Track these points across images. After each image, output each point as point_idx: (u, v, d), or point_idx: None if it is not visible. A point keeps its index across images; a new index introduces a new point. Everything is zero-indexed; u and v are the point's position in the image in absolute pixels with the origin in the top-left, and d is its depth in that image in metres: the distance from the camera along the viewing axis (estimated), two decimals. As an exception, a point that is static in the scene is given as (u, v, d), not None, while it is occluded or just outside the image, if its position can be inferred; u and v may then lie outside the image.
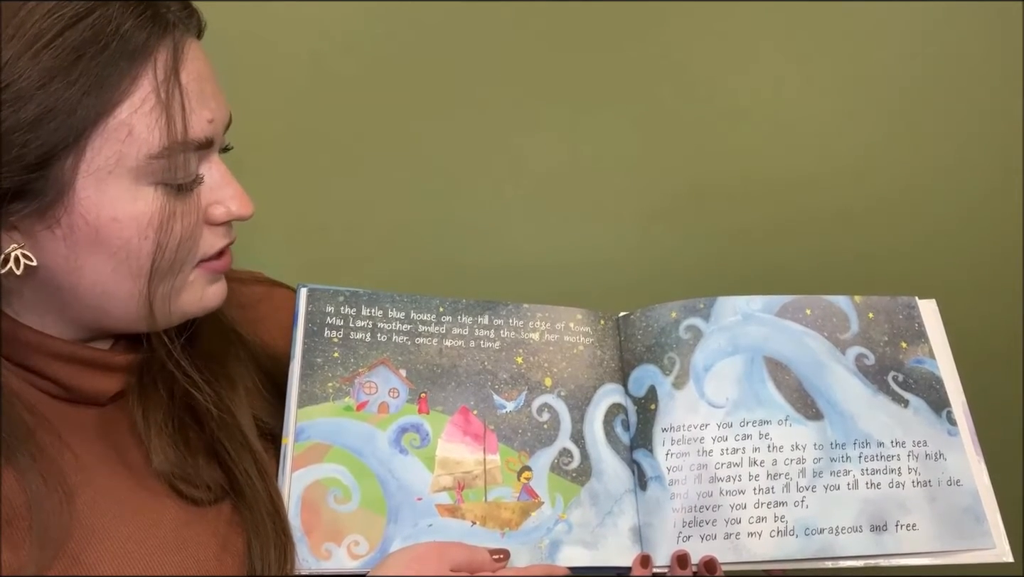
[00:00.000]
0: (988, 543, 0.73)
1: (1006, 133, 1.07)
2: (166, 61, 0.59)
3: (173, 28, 0.60)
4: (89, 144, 0.58)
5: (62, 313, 0.64)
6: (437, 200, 1.05)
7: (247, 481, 0.67)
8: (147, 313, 0.63)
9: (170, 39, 0.60)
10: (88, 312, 0.64)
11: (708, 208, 1.07)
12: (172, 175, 0.60)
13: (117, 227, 0.60)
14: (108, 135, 0.58)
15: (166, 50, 0.60)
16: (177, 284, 0.64)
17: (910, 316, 0.81)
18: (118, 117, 0.58)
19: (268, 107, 0.97)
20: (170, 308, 0.64)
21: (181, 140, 0.60)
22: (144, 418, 0.67)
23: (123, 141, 0.58)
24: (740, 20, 1.01)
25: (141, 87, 0.59)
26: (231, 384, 0.72)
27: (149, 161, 0.59)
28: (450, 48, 0.99)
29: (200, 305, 0.67)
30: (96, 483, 0.63)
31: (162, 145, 0.59)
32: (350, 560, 0.67)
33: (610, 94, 1.03)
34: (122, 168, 0.59)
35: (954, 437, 0.76)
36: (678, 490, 0.73)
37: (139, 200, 0.60)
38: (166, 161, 0.60)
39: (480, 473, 0.73)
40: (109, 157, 0.58)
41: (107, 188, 0.59)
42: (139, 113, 0.59)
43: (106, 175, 0.59)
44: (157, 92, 0.59)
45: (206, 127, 0.62)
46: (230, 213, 0.65)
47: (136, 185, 0.60)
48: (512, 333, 0.78)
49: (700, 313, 0.78)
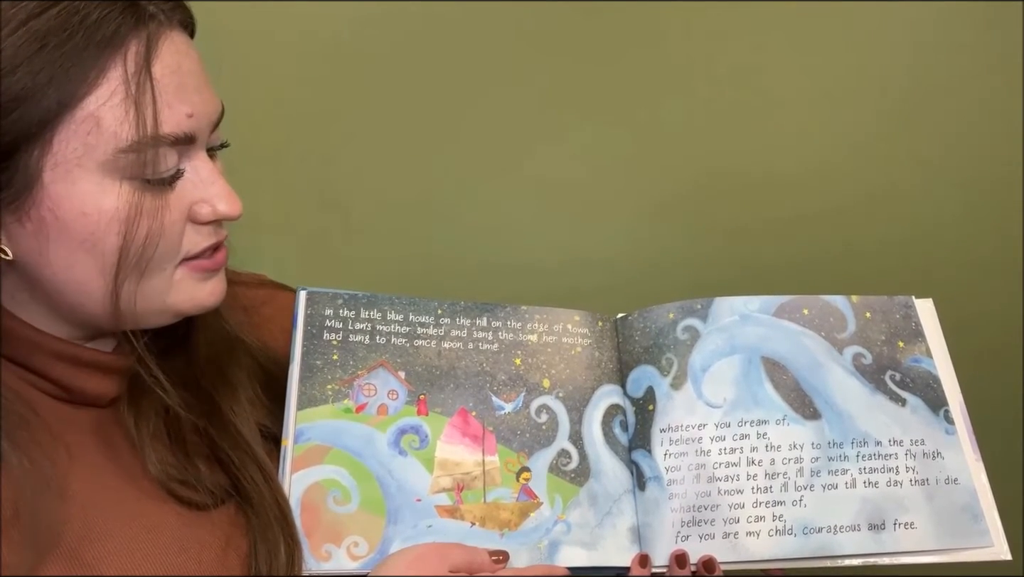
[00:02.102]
0: (986, 541, 0.73)
1: (1005, 131, 1.08)
2: (137, 53, 0.58)
3: (149, 20, 0.59)
4: (56, 136, 0.57)
5: (49, 309, 0.63)
6: (436, 201, 1.05)
7: (253, 487, 0.67)
8: (112, 309, 0.61)
9: (144, 31, 0.59)
10: (68, 308, 0.63)
11: (706, 208, 1.08)
12: (143, 170, 0.59)
13: (85, 221, 0.58)
14: (75, 127, 0.57)
15: (138, 42, 0.58)
16: (159, 283, 0.63)
17: (907, 315, 0.81)
18: (85, 109, 0.57)
19: (268, 107, 0.97)
20: (138, 307, 0.62)
21: (152, 135, 0.58)
22: (136, 424, 0.66)
23: (90, 133, 0.57)
24: (737, 21, 1.01)
25: (110, 79, 0.57)
26: (232, 391, 0.72)
27: (118, 155, 0.58)
28: (449, 50, 1.00)
29: (195, 304, 0.66)
30: (97, 483, 0.63)
31: (131, 139, 0.58)
32: (350, 561, 0.67)
33: (608, 96, 1.03)
34: (90, 161, 0.58)
35: (951, 436, 0.76)
36: (676, 490, 0.73)
37: (108, 194, 0.59)
38: (136, 156, 0.58)
39: (479, 474, 0.73)
40: (76, 149, 0.57)
41: (75, 181, 0.58)
42: (107, 105, 0.57)
43: (74, 167, 0.58)
44: (127, 84, 0.57)
45: (183, 122, 0.60)
46: (215, 212, 0.64)
47: (105, 179, 0.58)
48: (510, 335, 0.78)
49: (697, 314, 0.79)
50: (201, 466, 0.67)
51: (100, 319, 0.63)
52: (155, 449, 0.66)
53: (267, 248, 0.97)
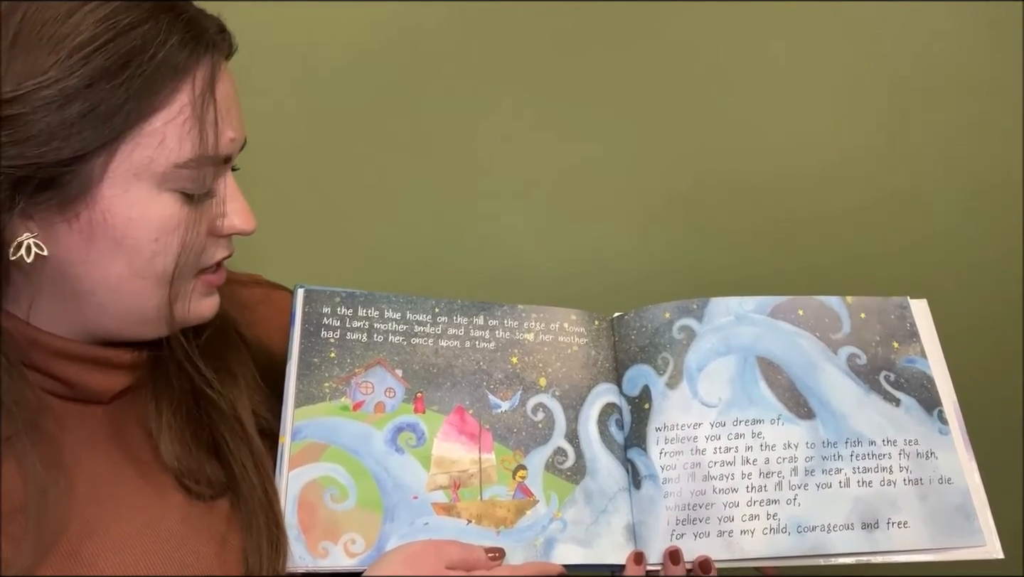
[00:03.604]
0: (979, 540, 0.73)
1: (1001, 133, 1.08)
2: (204, 78, 0.63)
3: (212, 48, 0.64)
4: (122, 146, 0.60)
5: (69, 311, 0.64)
6: (434, 200, 1.05)
7: (243, 475, 0.68)
8: (167, 315, 0.65)
9: (209, 58, 0.63)
10: (92, 309, 0.64)
11: (703, 209, 1.08)
12: (192, 185, 0.63)
13: (133, 227, 0.62)
14: (141, 140, 0.61)
15: (205, 68, 0.63)
16: (181, 292, 0.66)
17: (902, 316, 0.81)
18: (153, 124, 0.61)
19: (266, 108, 0.97)
20: (188, 311, 0.66)
21: (211, 154, 0.63)
22: (157, 413, 0.69)
23: (155, 148, 0.61)
24: (737, 23, 1.02)
25: (179, 100, 0.62)
26: (233, 379, 0.73)
27: (175, 169, 0.62)
28: (447, 50, 1.00)
29: (197, 315, 0.68)
30: (98, 480, 0.64)
31: (190, 156, 0.62)
32: (347, 558, 0.68)
33: (606, 96, 1.03)
34: (148, 173, 0.61)
35: (945, 436, 0.77)
36: (672, 488, 0.73)
37: (157, 204, 0.62)
38: (191, 172, 0.62)
39: (475, 472, 0.73)
40: (139, 161, 0.61)
41: (130, 189, 0.61)
42: (173, 124, 0.61)
43: (132, 177, 0.61)
44: (193, 105, 0.62)
45: (228, 144, 0.65)
46: (234, 227, 0.67)
47: (156, 190, 0.62)
48: (507, 334, 0.79)
49: (693, 314, 0.79)
50: (203, 457, 0.69)
51: (123, 321, 0.65)
52: (169, 438, 0.68)
53: (265, 247, 0.97)
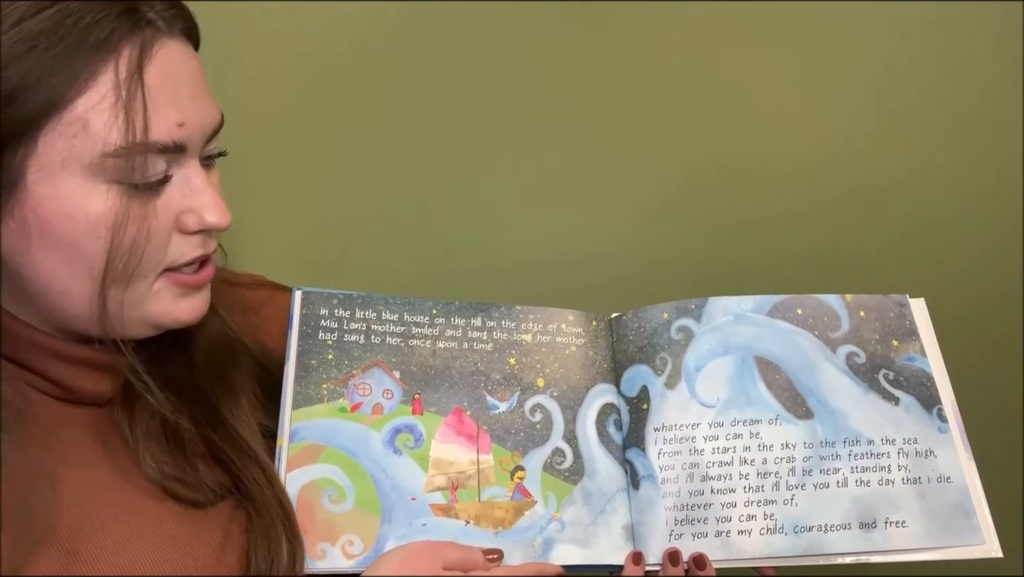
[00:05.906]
0: (978, 539, 0.73)
1: (1001, 130, 1.07)
2: (130, 58, 0.58)
3: (146, 26, 0.59)
4: (41, 136, 0.57)
5: (39, 311, 0.63)
6: (431, 201, 1.05)
7: (255, 487, 0.67)
8: (99, 314, 0.61)
9: (139, 36, 0.59)
10: (49, 309, 0.63)
11: (701, 207, 1.08)
12: (130, 175, 0.59)
13: (69, 224, 0.58)
14: (61, 129, 0.57)
15: (132, 47, 0.58)
16: (139, 292, 0.63)
17: (901, 314, 0.81)
18: (73, 111, 0.57)
19: (264, 107, 0.97)
20: (124, 314, 0.62)
21: (140, 141, 0.58)
22: (131, 426, 0.67)
23: (77, 136, 0.57)
24: (732, 21, 1.01)
25: (100, 83, 0.57)
26: (232, 394, 0.72)
27: (104, 159, 0.58)
28: (445, 49, 1.00)
29: (172, 318, 0.65)
30: (94, 480, 0.63)
31: (119, 144, 0.58)
32: (344, 560, 0.68)
33: (602, 95, 1.03)
34: (75, 164, 0.58)
35: (944, 434, 0.77)
36: (670, 489, 0.73)
37: (93, 197, 0.58)
38: (123, 161, 0.58)
39: (473, 473, 0.73)
40: (62, 151, 0.57)
41: (60, 183, 0.58)
42: (96, 109, 0.57)
43: (58, 169, 0.57)
44: (118, 89, 0.57)
45: (173, 130, 0.60)
46: (202, 222, 0.63)
47: (90, 182, 0.58)
48: (505, 335, 0.79)
49: (691, 314, 0.79)
50: (200, 465, 0.68)
51: (83, 323, 0.63)
52: (150, 449, 0.66)
53: (264, 249, 0.97)
